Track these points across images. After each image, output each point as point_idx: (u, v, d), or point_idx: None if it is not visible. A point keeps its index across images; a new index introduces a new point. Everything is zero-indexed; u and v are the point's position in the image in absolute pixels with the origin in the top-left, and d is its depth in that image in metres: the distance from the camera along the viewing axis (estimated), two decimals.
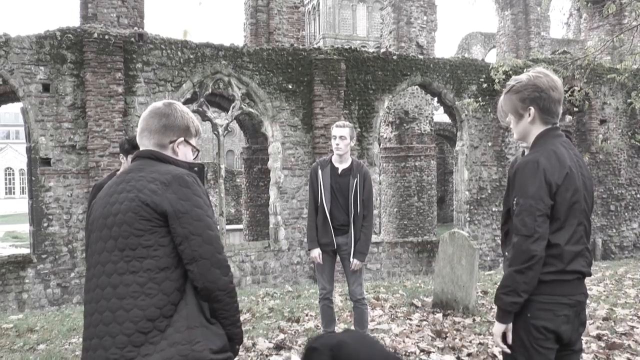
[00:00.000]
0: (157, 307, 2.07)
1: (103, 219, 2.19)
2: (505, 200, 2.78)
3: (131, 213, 2.11)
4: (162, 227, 2.12)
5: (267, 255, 13.52)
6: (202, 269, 2.12)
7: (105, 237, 2.16)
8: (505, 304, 2.51)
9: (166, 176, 2.17)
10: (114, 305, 2.07)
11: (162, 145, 2.34)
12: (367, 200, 5.15)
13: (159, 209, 2.11)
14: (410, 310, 6.71)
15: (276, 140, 13.60)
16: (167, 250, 2.12)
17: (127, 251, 2.10)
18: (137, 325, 2.04)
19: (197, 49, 12.70)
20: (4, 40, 11.04)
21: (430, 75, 14.38)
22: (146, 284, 2.07)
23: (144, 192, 2.13)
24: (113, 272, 2.10)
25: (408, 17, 18.22)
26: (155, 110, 2.37)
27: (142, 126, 2.37)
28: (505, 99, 2.74)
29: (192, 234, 2.12)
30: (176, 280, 2.13)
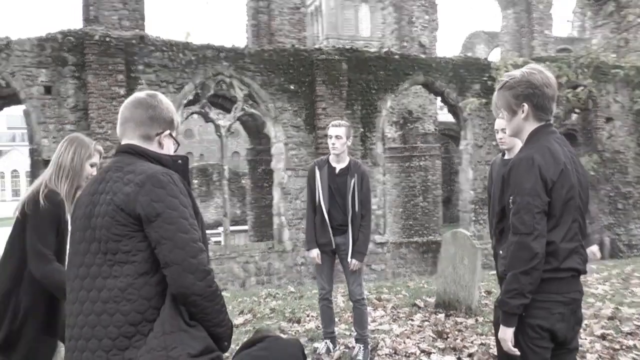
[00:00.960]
0: (138, 312, 2.03)
1: (87, 219, 2.14)
2: (500, 198, 2.72)
3: (108, 217, 2.06)
4: (138, 232, 2.06)
5: (271, 256, 13.49)
6: (174, 274, 2.04)
7: (89, 238, 2.12)
8: (513, 307, 2.45)
9: (140, 177, 2.08)
10: (98, 308, 2.04)
11: (147, 137, 2.27)
12: (365, 199, 5.09)
13: (133, 214, 2.04)
14: (413, 311, 6.65)
15: (279, 141, 13.58)
16: (145, 255, 2.07)
17: (109, 255, 2.06)
18: (120, 330, 2.01)
19: (199, 51, 12.69)
20: (5, 43, 11.06)
21: (432, 74, 14.32)
22: (126, 289, 2.03)
23: (118, 195, 2.07)
24: (97, 276, 2.07)
25: (409, 16, 18.16)
26: (141, 101, 2.29)
27: (126, 116, 2.29)
28: (499, 95, 2.70)
29: (164, 238, 2.04)
30: (156, 285, 2.08)
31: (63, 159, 3.23)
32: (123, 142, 2.29)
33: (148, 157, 2.22)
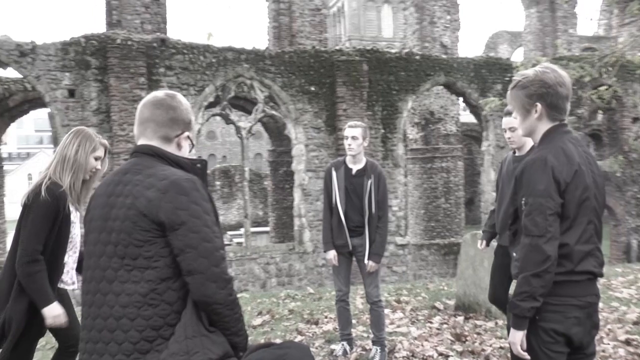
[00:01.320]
0: (160, 316, 2.02)
1: (102, 222, 2.11)
2: (512, 199, 2.67)
3: (129, 222, 2.03)
4: (161, 238, 2.04)
5: (292, 257, 13.50)
6: (197, 283, 2.04)
7: (105, 240, 2.09)
8: (524, 310, 2.41)
9: (163, 182, 2.06)
10: (117, 312, 2.02)
11: (167, 139, 2.25)
12: (382, 201, 5.06)
13: (156, 220, 2.02)
14: (432, 313, 6.58)
15: (299, 142, 13.59)
16: (167, 261, 2.05)
17: (127, 260, 2.03)
18: (142, 334, 2.00)
19: (219, 53, 12.76)
20: (31, 47, 11.26)
21: (454, 74, 14.20)
22: (148, 295, 2.01)
23: (140, 200, 2.04)
24: (114, 279, 2.04)
25: (431, 16, 18.05)
26: (161, 101, 2.26)
27: (146, 116, 2.25)
28: (512, 95, 2.66)
29: (188, 247, 2.03)
30: (179, 289, 2.07)
31: (68, 152, 3.25)
32: (141, 142, 2.25)
33: (168, 159, 2.20)
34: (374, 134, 13.62)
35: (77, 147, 3.27)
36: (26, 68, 11.23)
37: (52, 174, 3.22)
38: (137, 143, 2.27)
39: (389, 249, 13.47)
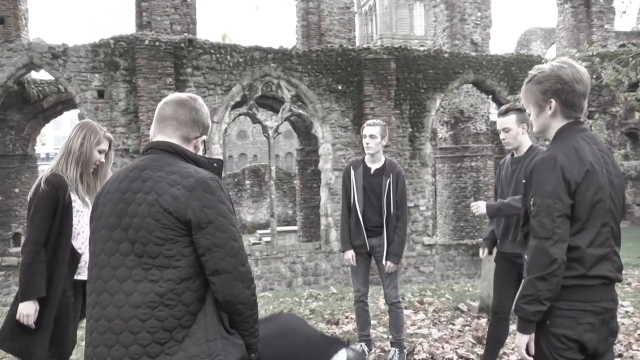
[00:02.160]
0: (175, 317, 1.96)
1: (116, 218, 2.04)
2: (523, 200, 2.58)
3: (150, 219, 1.97)
4: (184, 237, 1.99)
5: (318, 256, 13.47)
6: (224, 282, 2.01)
7: (118, 238, 2.02)
8: (528, 313, 2.32)
9: (189, 180, 2.02)
10: (126, 313, 1.95)
11: (187, 139, 2.23)
12: (401, 200, 4.97)
13: (182, 218, 1.98)
14: (455, 315, 6.47)
15: (326, 141, 13.55)
16: (189, 261, 2.01)
17: (145, 258, 1.97)
18: (154, 336, 1.93)
19: (246, 53, 12.81)
20: (62, 50, 11.48)
21: (483, 72, 13.96)
22: (166, 295, 1.95)
23: (164, 197, 1.98)
24: (127, 278, 1.97)
25: (461, 13, 17.77)
26: (184, 101, 2.25)
27: (168, 114, 2.23)
28: (526, 89, 2.55)
29: (216, 246, 2.00)
30: (197, 290, 2.03)
31: (73, 144, 3.29)
32: (159, 139, 2.22)
33: (187, 157, 2.17)
34: (402, 133, 13.49)
35: (82, 139, 3.31)
36: (58, 70, 11.46)
37: (54, 166, 3.27)
38: (154, 140, 2.24)
39: (416, 248, 13.34)
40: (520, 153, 4.21)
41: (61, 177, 3.21)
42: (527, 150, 4.19)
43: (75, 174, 3.28)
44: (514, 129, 4.13)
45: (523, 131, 4.16)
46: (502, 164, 4.45)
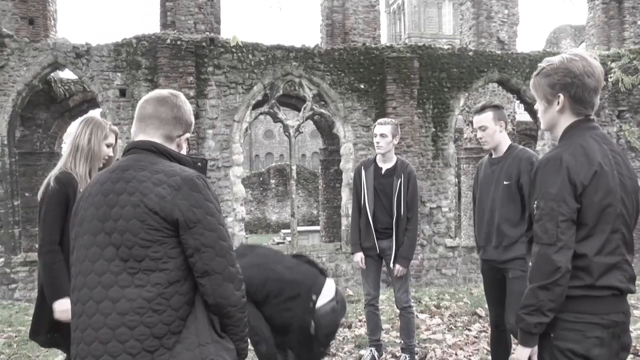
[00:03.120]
0: (165, 323, 1.89)
1: (99, 222, 1.95)
2: (528, 203, 2.42)
3: (135, 220, 1.90)
4: (171, 238, 1.92)
5: (339, 257, 13.34)
6: (214, 283, 1.95)
7: (102, 243, 1.93)
8: (529, 325, 2.18)
9: (174, 178, 1.95)
10: (113, 321, 1.87)
11: (169, 138, 2.16)
12: (412, 202, 4.84)
13: (169, 218, 1.90)
14: (471, 320, 6.29)
15: (348, 141, 13.40)
16: (177, 263, 1.93)
17: (131, 262, 1.89)
18: (144, 343, 1.86)
19: (268, 51, 12.74)
20: (86, 49, 11.58)
21: (508, 71, 13.64)
22: (154, 300, 1.88)
23: (149, 197, 1.91)
24: (113, 284, 1.89)
25: (488, 11, 17.42)
26: (165, 99, 2.17)
27: (149, 112, 2.15)
28: (534, 83, 2.39)
29: (205, 246, 1.93)
30: (185, 294, 1.95)
31: (80, 141, 3.27)
32: (140, 138, 2.14)
33: (170, 156, 2.10)
34: (424, 133, 13.27)
35: (89, 135, 3.29)
36: (81, 69, 11.56)
37: (63, 164, 3.24)
38: (135, 140, 2.16)
39: (438, 250, 13.11)
40: (500, 153, 4.00)
41: (70, 174, 3.18)
42: (507, 150, 3.98)
43: (85, 171, 3.25)
44: (490, 127, 3.94)
45: (501, 129, 3.97)
46: (480, 165, 4.22)
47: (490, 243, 3.95)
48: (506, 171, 3.88)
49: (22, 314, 7.55)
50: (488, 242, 3.97)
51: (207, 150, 12.22)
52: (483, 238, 4.03)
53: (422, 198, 12.98)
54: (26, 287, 11.56)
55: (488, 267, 4.05)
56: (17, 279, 11.45)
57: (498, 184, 3.89)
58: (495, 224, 3.88)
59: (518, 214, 3.81)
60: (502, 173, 3.89)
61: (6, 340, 6.03)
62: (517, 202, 3.81)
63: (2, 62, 11.21)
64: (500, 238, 3.86)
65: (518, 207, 3.81)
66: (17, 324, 6.78)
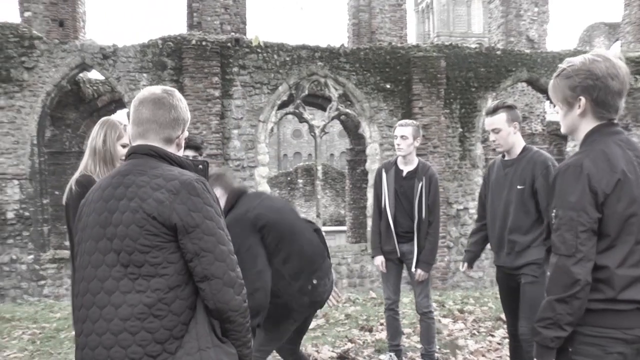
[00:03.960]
0: (166, 328, 1.88)
1: (101, 228, 1.95)
2: (546, 211, 2.31)
3: (134, 226, 1.89)
4: (171, 242, 1.90)
5: (364, 258, 13.24)
6: (214, 288, 1.92)
7: (103, 249, 1.93)
8: (546, 339, 2.07)
9: (173, 183, 1.92)
10: (115, 327, 1.86)
11: (169, 141, 2.12)
12: (433, 205, 4.73)
13: (167, 223, 1.88)
14: (495, 325, 6.15)
15: (374, 141, 13.31)
16: (177, 267, 1.91)
17: (131, 268, 1.88)
18: (146, 349, 1.85)
19: (293, 51, 12.72)
20: (113, 50, 11.72)
21: (537, 70, 13.36)
22: (154, 305, 1.87)
23: (148, 202, 1.90)
24: (115, 290, 1.89)
25: (517, 9, 17.12)
26: (161, 100, 2.10)
27: (147, 117, 2.08)
28: (554, 85, 2.27)
29: (204, 250, 1.90)
30: (187, 298, 1.93)
31: (96, 144, 3.26)
32: (140, 142, 2.11)
33: (170, 160, 2.07)
34: (451, 133, 13.10)
35: (104, 137, 3.29)
36: (108, 70, 11.70)
37: (82, 168, 3.25)
38: (134, 144, 2.13)
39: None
40: (513, 155, 3.80)
41: (90, 177, 3.19)
42: (521, 152, 3.77)
43: (104, 172, 3.25)
44: (504, 129, 3.74)
45: (515, 131, 3.77)
46: (491, 167, 4.01)
47: (502, 249, 3.78)
48: (520, 175, 3.68)
49: (47, 311, 7.66)
50: (500, 249, 3.81)
51: (232, 150, 12.26)
52: (495, 244, 3.87)
53: (449, 199, 12.82)
54: (54, 284, 11.76)
55: (502, 274, 3.90)
56: (46, 276, 11.65)
57: (511, 188, 3.71)
58: (507, 230, 3.71)
59: (531, 220, 3.62)
60: (515, 177, 3.70)
61: (30, 337, 6.11)
62: (531, 208, 3.62)
63: (32, 63, 11.41)
64: (512, 245, 3.69)
65: (530, 213, 3.62)
66: (41, 321, 6.87)
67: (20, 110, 11.41)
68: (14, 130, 11.38)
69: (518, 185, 3.67)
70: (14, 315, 7.26)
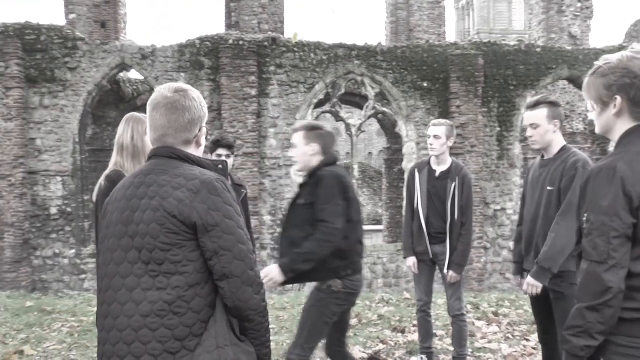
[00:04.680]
0: (186, 325, 1.90)
1: (123, 226, 1.99)
2: (578, 215, 2.23)
3: (155, 224, 1.91)
4: (191, 241, 1.92)
5: (400, 258, 13.14)
6: (232, 287, 1.93)
7: (126, 246, 1.97)
8: (575, 348, 2.00)
9: (194, 182, 1.94)
10: (136, 323, 1.89)
11: (187, 142, 2.12)
12: (466, 206, 4.65)
13: (187, 221, 1.90)
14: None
15: (410, 140, 13.20)
16: (197, 266, 1.93)
17: (152, 265, 1.91)
18: (165, 345, 1.88)
19: (330, 50, 12.72)
20: (151, 50, 11.94)
21: (579, 67, 13.01)
22: (174, 302, 1.89)
23: (169, 200, 1.92)
24: (136, 287, 1.92)
25: (559, 5, 16.68)
26: (174, 104, 2.08)
27: (162, 124, 2.07)
28: (589, 83, 2.17)
29: (223, 249, 1.92)
30: (206, 296, 1.95)
31: (123, 140, 3.30)
32: (160, 145, 2.12)
33: (190, 161, 2.08)
34: (489, 132, 12.88)
35: (132, 132, 3.32)
36: (146, 70, 11.93)
37: (113, 164, 3.30)
38: (153, 147, 2.15)
39: (502, 254, 12.70)
40: (550, 155, 3.60)
41: (120, 172, 3.23)
42: (558, 152, 3.57)
43: (133, 167, 3.29)
44: (543, 126, 3.54)
45: (554, 129, 3.56)
46: (531, 166, 3.84)
47: (529, 254, 3.64)
48: (551, 176, 3.51)
49: (85, 305, 7.85)
50: (528, 253, 3.67)
51: (268, 149, 12.33)
52: (525, 247, 3.74)
53: (486, 200, 12.62)
54: (95, 278, 12.04)
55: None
56: (86, 270, 11.96)
57: (543, 189, 3.55)
58: (536, 234, 3.57)
59: None
60: (547, 177, 3.53)
61: (69, 330, 6.28)
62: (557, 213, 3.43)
63: (75, 63, 11.72)
64: (538, 250, 3.54)
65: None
66: (80, 314, 7.05)
67: (64, 109, 11.74)
68: (57, 128, 11.72)
69: (548, 187, 3.52)
70: (55, 308, 7.46)
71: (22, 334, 6.08)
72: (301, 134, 3.67)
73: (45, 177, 11.75)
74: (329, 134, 3.73)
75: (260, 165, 12.17)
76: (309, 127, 3.71)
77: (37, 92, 11.69)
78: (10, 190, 11.40)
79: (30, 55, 11.64)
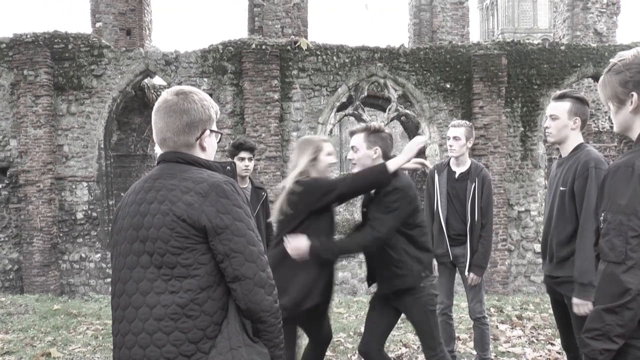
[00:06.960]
0: (199, 328, 1.92)
1: (134, 231, 2.01)
2: (595, 215, 2.19)
3: (165, 229, 1.93)
4: (201, 244, 1.94)
5: None
6: (245, 289, 1.95)
7: (138, 251, 1.99)
8: (594, 351, 1.97)
9: (202, 185, 1.96)
10: (150, 327, 1.92)
11: (188, 145, 2.11)
12: (486, 207, 4.61)
13: (196, 225, 1.92)
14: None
15: (434, 142, 13.12)
16: (208, 269, 1.95)
17: (164, 269, 1.93)
18: (180, 348, 1.90)
19: (353, 53, 12.71)
20: (175, 56, 12.08)
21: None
22: (187, 305, 1.91)
23: (177, 205, 1.93)
24: (149, 291, 1.94)
25: (584, 1, 16.40)
26: (172, 107, 2.09)
27: (161, 127, 2.10)
28: (604, 81, 2.16)
29: (234, 252, 1.93)
30: (219, 299, 1.97)
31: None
32: (165, 150, 2.16)
33: (198, 164, 2.10)
34: (512, 133, 12.73)
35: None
36: (170, 75, 12.07)
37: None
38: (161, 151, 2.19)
39: (527, 256, 12.53)
40: (565, 153, 3.44)
41: None
42: (573, 150, 3.38)
43: None
44: (562, 119, 3.36)
45: (574, 126, 3.37)
46: (553, 166, 3.69)
47: (545, 256, 3.53)
48: (564, 176, 3.37)
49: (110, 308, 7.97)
50: (544, 255, 3.56)
51: (291, 152, 12.36)
52: (541, 249, 3.62)
53: (510, 201, 12.47)
54: None
55: (549, 285, 3.62)
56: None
57: (556, 189, 3.42)
58: (550, 235, 3.45)
59: (571, 228, 3.27)
60: (561, 177, 3.39)
61: (94, 332, 6.38)
62: (569, 214, 3.29)
63: (101, 71, 11.93)
64: (552, 253, 3.42)
65: (569, 220, 3.28)
66: (104, 317, 7.15)
67: (89, 115, 11.95)
68: (83, 135, 11.93)
69: (560, 187, 3.38)
70: (80, 311, 7.59)
71: (49, 336, 6.20)
72: (362, 136, 3.61)
73: (72, 182, 11.97)
74: (390, 137, 3.68)
75: (283, 169, 12.21)
76: (370, 129, 3.62)
77: (64, 100, 11.93)
78: (39, 196, 11.64)
79: (59, 63, 11.89)
